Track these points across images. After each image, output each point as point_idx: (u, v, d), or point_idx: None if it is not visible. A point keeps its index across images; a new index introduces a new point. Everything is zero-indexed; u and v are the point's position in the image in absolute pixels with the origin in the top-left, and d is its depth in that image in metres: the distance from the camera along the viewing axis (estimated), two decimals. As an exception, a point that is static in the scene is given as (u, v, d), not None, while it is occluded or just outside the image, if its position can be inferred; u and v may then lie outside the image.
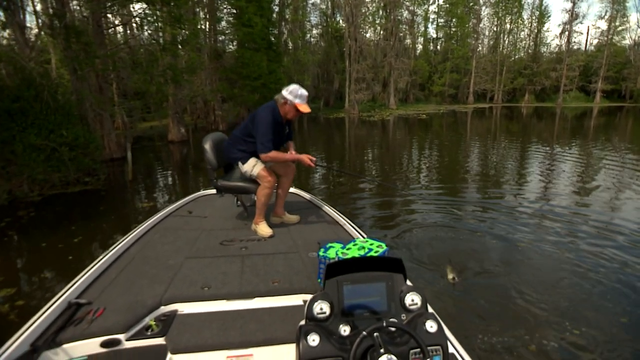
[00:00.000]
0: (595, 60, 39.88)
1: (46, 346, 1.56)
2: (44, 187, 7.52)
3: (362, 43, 31.53)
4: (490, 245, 4.76)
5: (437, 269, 4.04)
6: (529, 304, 3.36)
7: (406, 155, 12.43)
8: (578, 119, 25.74)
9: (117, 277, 2.16)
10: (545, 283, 3.72)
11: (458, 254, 4.44)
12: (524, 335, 2.93)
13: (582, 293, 3.53)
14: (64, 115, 8.15)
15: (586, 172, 8.92)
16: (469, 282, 3.79)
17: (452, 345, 1.58)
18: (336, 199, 7.02)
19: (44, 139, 7.57)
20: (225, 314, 1.89)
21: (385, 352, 1.20)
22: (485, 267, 4.09)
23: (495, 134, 17.62)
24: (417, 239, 4.95)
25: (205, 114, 21.20)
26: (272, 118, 2.76)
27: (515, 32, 43.44)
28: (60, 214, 6.25)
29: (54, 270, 4.23)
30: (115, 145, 11.27)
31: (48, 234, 5.20)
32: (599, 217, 5.66)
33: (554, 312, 3.24)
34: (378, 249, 2.13)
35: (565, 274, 3.89)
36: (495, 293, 3.56)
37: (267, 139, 2.72)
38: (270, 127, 2.73)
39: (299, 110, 2.78)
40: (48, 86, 7.80)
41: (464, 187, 7.92)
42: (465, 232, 5.13)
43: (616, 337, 2.91)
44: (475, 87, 41.48)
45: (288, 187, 3.19)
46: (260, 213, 2.92)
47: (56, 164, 7.73)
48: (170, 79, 11.76)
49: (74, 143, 8.14)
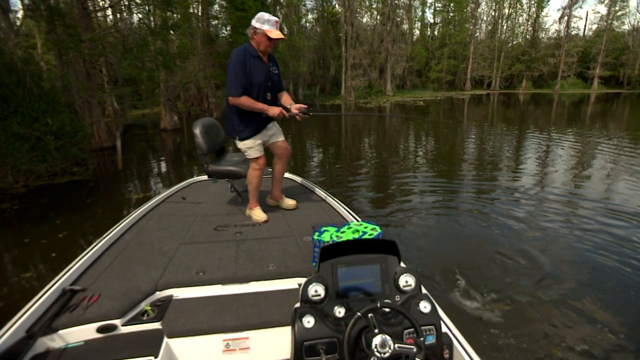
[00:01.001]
0: (593, 46, 39.51)
1: (42, 332, 1.56)
2: (30, 178, 7.23)
3: (358, 28, 30.88)
4: (493, 233, 4.69)
5: (434, 256, 4.05)
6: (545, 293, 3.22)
7: (403, 143, 12.21)
8: (575, 106, 25.56)
9: (111, 264, 2.14)
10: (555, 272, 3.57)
11: (457, 243, 4.41)
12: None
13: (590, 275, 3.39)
14: (49, 102, 7.81)
15: (584, 159, 8.77)
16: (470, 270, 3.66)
17: (446, 325, 1.59)
18: (333, 183, 7.07)
19: (28, 127, 7.25)
20: (221, 298, 1.89)
21: (380, 332, 1.21)
22: (490, 256, 3.97)
23: (493, 121, 17.44)
24: (414, 224, 4.99)
25: (199, 101, 20.75)
26: (243, 56, 2.54)
27: (513, 17, 42.82)
28: (46, 206, 5.99)
29: (35, 269, 3.99)
30: (106, 133, 10.91)
31: (32, 228, 4.95)
32: (603, 204, 5.58)
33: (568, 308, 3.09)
34: (372, 232, 2.10)
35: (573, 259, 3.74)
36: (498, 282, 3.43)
37: (234, 81, 2.53)
38: (239, 67, 2.52)
39: (271, 38, 2.54)
40: (31, 72, 7.43)
41: (461, 173, 7.88)
42: (466, 220, 5.11)
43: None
44: (473, 74, 41.05)
45: (282, 170, 3.04)
46: (252, 197, 2.85)
47: (42, 154, 7.43)
48: (161, 64, 11.34)
49: (60, 132, 7.83)
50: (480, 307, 3.20)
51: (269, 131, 2.88)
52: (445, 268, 3.79)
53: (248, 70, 2.56)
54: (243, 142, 2.75)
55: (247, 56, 2.56)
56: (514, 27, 43.49)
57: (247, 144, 2.75)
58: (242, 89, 2.57)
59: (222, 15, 20.12)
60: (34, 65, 8.27)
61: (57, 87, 8.80)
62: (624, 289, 3.42)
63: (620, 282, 3.52)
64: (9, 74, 7.21)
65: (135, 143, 12.50)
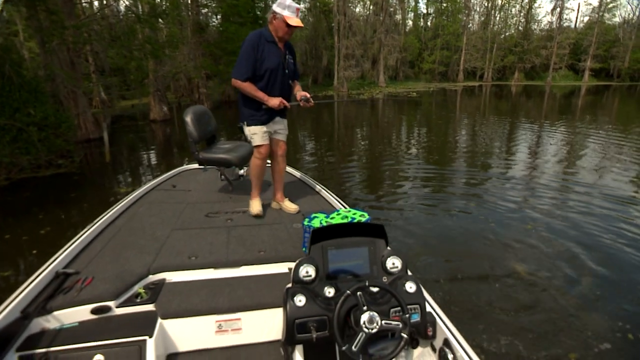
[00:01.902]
0: (585, 38, 39.63)
1: (37, 313, 1.58)
2: (12, 170, 6.95)
3: (351, 18, 30.47)
4: (483, 221, 4.77)
5: (422, 241, 4.18)
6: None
7: (395, 133, 12.11)
8: (566, 98, 25.73)
9: (103, 248, 2.16)
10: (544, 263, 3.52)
11: (448, 233, 4.48)
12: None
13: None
14: (31, 92, 7.49)
15: (575, 149, 8.78)
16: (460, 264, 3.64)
17: (430, 304, 1.66)
18: (324, 172, 7.18)
19: (9, 118, 6.95)
20: (213, 281, 1.93)
21: (368, 309, 1.27)
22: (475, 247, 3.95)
23: (485, 113, 17.48)
24: (403, 211, 5.13)
25: (190, 92, 20.35)
26: (257, 40, 2.48)
27: (506, 8, 42.68)
28: (29, 200, 5.76)
29: (14, 268, 3.81)
30: (92, 125, 10.60)
31: (13, 224, 4.74)
32: (597, 189, 5.78)
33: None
34: (361, 218, 2.14)
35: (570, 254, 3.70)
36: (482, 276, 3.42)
37: (240, 64, 2.50)
38: (250, 51, 2.47)
39: (290, 25, 2.46)
40: (10, 60, 7.10)
41: (452, 163, 8.04)
42: (457, 209, 5.21)
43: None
44: (466, 65, 40.96)
45: (280, 169, 2.95)
46: (254, 187, 2.82)
47: (24, 146, 7.14)
48: (149, 53, 11.00)
49: (44, 123, 7.53)
50: (463, 288, 3.30)
51: (276, 125, 2.82)
52: (432, 252, 3.91)
53: (260, 55, 2.50)
54: (249, 127, 2.73)
55: (262, 40, 2.50)
56: (507, 19, 43.41)
57: (252, 130, 2.72)
58: (249, 74, 2.51)
59: (212, 3, 19.60)
60: (14, 53, 7.94)
61: (40, 76, 8.46)
62: (622, 267, 3.57)
63: (618, 262, 3.68)
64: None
65: (123, 134, 12.19)
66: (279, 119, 2.82)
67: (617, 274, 3.47)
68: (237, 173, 3.42)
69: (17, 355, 1.46)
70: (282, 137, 2.89)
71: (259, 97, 2.58)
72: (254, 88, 2.56)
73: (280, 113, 2.78)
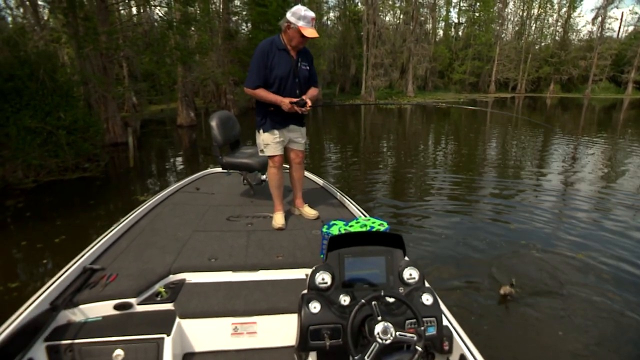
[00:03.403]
0: (629, 49, 37.47)
1: (64, 305, 1.66)
2: (40, 173, 7.08)
3: (381, 27, 30.21)
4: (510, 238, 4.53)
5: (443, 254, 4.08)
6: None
7: (423, 145, 11.64)
8: (606, 111, 24.26)
9: (128, 246, 2.24)
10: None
11: (472, 247, 4.27)
12: None
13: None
14: (62, 96, 7.65)
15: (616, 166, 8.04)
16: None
17: (447, 318, 1.62)
18: (349, 182, 7.09)
19: (40, 121, 7.09)
20: (231, 284, 1.97)
21: (382, 320, 1.25)
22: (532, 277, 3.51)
23: (517, 125, 16.64)
24: (427, 223, 4.96)
25: (217, 98, 20.61)
26: (268, 48, 2.44)
27: (543, 17, 41.11)
28: (50, 205, 5.77)
29: (21, 279, 3.71)
30: (121, 128, 10.78)
31: (31, 229, 4.72)
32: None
33: None
34: (380, 227, 2.12)
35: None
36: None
37: (252, 72, 2.47)
38: (260, 59, 2.43)
39: (304, 36, 2.38)
40: (44, 65, 7.26)
41: (480, 176, 7.74)
42: (483, 226, 4.94)
43: None
44: (498, 76, 39.66)
45: (299, 176, 2.87)
46: (275, 198, 2.77)
47: (53, 149, 7.27)
48: (178, 59, 11.13)
49: (73, 126, 7.65)
50: (484, 305, 3.17)
51: (291, 133, 2.70)
52: (452, 266, 3.78)
53: (270, 62, 2.45)
54: (261, 135, 2.66)
55: (273, 48, 2.46)
56: (543, 28, 41.77)
57: (264, 138, 2.64)
58: (260, 81, 2.47)
59: (243, 10, 19.86)
60: (54, 58, 8.16)
61: (73, 80, 8.64)
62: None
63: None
64: (22, 67, 7.07)
65: (151, 139, 12.37)
66: (294, 127, 2.69)
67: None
68: (259, 178, 3.45)
69: (45, 345, 1.52)
70: (299, 145, 2.77)
71: (272, 100, 2.50)
72: (266, 92, 2.49)
73: (295, 120, 2.67)
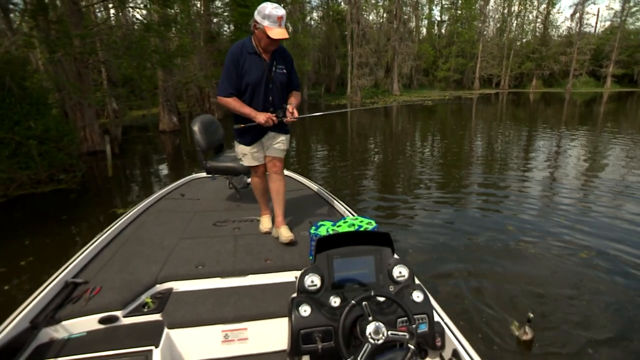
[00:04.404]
0: (607, 44, 38.28)
1: (45, 323, 1.59)
2: (10, 187, 6.64)
3: (365, 26, 30.14)
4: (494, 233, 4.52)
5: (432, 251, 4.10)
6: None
7: (409, 143, 11.52)
8: (587, 105, 24.70)
9: (112, 258, 2.18)
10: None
11: (461, 242, 4.27)
12: None
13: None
14: (32, 104, 7.22)
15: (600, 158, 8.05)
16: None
17: (438, 314, 1.62)
18: (337, 183, 7.06)
19: (8, 131, 6.66)
20: (220, 290, 1.94)
21: (373, 320, 1.26)
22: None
23: (502, 120, 16.99)
24: (417, 222, 4.98)
25: (201, 102, 20.18)
26: (239, 51, 2.24)
27: (523, 14, 41.70)
28: (18, 222, 5.37)
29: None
30: (99, 136, 10.34)
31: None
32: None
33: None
34: (367, 225, 2.11)
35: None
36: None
37: (223, 79, 2.28)
38: (231, 65, 2.24)
39: (270, 37, 2.14)
40: (11, 71, 6.84)
41: (468, 172, 7.78)
42: (471, 221, 4.95)
43: None
44: (482, 72, 40.06)
45: (276, 188, 2.56)
46: (260, 204, 2.69)
47: (24, 160, 6.84)
48: (157, 63, 10.74)
49: (45, 136, 7.23)
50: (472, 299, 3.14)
51: (269, 141, 2.48)
52: (441, 261, 3.80)
53: (241, 68, 2.25)
54: (238, 145, 2.53)
55: (243, 52, 2.25)
56: (524, 25, 42.38)
57: (241, 149, 2.50)
58: (232, 89, 2.27)
59: (224, 12, 19.47)
60: (20, 64, 7.71)
61: (45, 87, 8.21)
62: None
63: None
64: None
65: (133, 146, 11.94)
66: (273, 134, 2.46)
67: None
68: (245, 181, 3.41)
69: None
70: (278, 153, 2.51)
71: (245, 114, 2.30)
72: (240, 104, 2.30)
73: (275, 127, 2.42)
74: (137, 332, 1.65)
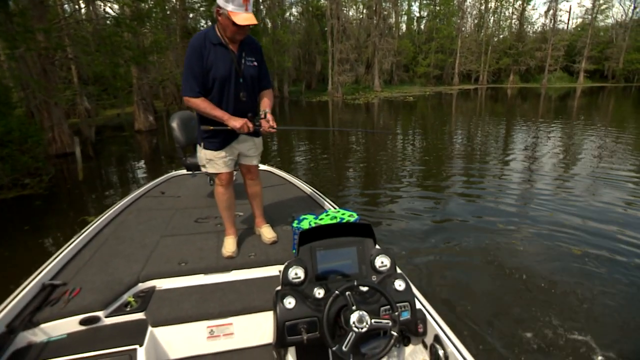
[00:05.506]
0: (579, 40, 39.45)
1: (23, 327, 1.55)
2: (-33, 194, 6.15)
3: (345, 21, 29.96)
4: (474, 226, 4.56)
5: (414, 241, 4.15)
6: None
7: (391, 139, 11.44)
8: (562, 100, 25.41)
9: (91, 258, 2.13)
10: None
11: (441, 231, 4.39)
12: None
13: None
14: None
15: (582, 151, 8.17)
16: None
17: (420, 301, 1.66)
18: (319, 177, 7.01)
19: (-36, 134, 6.16)
20: (204, 287, 1.93)
21: (357, 309, 1.29)
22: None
23: (481, 115, 17.31)
24: (397, 213, 5.06)
25: (179, 100, 19.58)
26: (201, 43, 1.91)
27: (500, 10, 42.45)
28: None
29: None
30: (69, 137, 9.76)
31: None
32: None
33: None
34: (349, 218, 2.10)
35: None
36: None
37: (187, 78, 1.94)
38: (194, 60, 1.91)
39: (236, 24, 1.83)
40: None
41: (448, 165, 7.96)
42: (452, 210, 5.11)
43: None
44: (461, 68, 40.58)
45: (254, 192, 2.40)
46: (225, 221, 2.32)
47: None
48: (130, 59, 10.22)
49: (7, 138, 6.74)
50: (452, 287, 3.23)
51: (241, 145, 2.21)
52: (422, 251, 3.86)
53: (205, 61, 1.93)
54: (203, 151, 2.15)
55: (206, 44, 1.92)
56: (500, 21, 43.17)
57: (205, 154, 2.14)
58: (199, 87, 1.95)
59: (201, 7, 18.88)
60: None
61: (6, 86, 7.65)
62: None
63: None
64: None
65: (107, 147, 11.39)
66: (244, 137, 2.19)
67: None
68: None
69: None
70: (252, 159, 2.30)
71: (217, 117, 1.99)
72: (211, 105, 1.98)
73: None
74: (120, 331, 1.62)
